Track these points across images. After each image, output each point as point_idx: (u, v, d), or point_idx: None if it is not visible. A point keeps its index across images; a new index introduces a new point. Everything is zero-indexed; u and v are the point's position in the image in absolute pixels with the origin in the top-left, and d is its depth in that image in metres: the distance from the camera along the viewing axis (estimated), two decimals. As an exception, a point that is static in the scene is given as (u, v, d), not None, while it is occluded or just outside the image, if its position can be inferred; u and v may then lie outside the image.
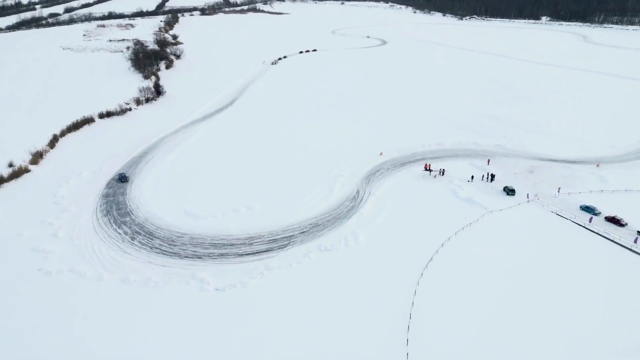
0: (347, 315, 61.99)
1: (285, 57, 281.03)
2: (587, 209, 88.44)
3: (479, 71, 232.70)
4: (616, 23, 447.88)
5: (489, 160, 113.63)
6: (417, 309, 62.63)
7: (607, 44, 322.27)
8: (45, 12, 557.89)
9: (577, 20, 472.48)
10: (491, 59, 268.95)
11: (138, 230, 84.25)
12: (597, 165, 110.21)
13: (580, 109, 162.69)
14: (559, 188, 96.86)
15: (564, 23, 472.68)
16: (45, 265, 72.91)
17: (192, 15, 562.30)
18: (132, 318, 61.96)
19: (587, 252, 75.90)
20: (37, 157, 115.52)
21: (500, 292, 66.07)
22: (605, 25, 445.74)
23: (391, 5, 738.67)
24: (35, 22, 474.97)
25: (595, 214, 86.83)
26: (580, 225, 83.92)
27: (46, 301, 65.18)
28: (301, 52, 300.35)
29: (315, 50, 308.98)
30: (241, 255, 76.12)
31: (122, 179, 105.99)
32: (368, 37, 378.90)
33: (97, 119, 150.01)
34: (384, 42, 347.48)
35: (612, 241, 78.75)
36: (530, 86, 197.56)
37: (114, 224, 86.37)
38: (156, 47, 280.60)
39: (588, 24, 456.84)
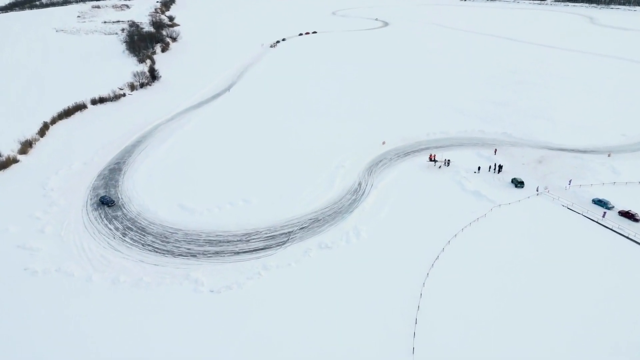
0: (349, 319, 58.42)
1: (284, 39, 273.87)
2: (599, 202, 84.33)
3: (483, 55, 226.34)
4: (623, 4, 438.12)
5: (495, 149, 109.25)
6: (424, 313, 59.10)
7: (614, 26, 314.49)
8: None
9: (583, 1, 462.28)
10: (495, 42, 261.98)
11: (130, 225, 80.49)
12: (609, 155, 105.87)
13: (589, 94, 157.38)
14: (570, 180, 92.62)
15: (570, 4, 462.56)
16: (32, 264, 69.20)
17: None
18: (122, 322, 58.38)
19: (600, 249, 72.18)
20: (26, 147, 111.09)
21: (511, 294, 62.46)
22: (612, 6, 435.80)
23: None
24: (29, 3, 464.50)
25: (609, 208, 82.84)
26: (593, 221, 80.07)
27: (31, 304, 61.59)
28: (301, 35, 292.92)
29: (315, 32, 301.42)
30: (237, 253, 72.42)
31: (107, 202, 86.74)
32: (376, 19, 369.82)
33: (89, 105, 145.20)
34: (386, 24, 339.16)
35: (627, 237, 74.98)
36: (536, 70, 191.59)
37: (104, 219, 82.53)
38: (152, 29, 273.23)
39: (594, 4, 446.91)
